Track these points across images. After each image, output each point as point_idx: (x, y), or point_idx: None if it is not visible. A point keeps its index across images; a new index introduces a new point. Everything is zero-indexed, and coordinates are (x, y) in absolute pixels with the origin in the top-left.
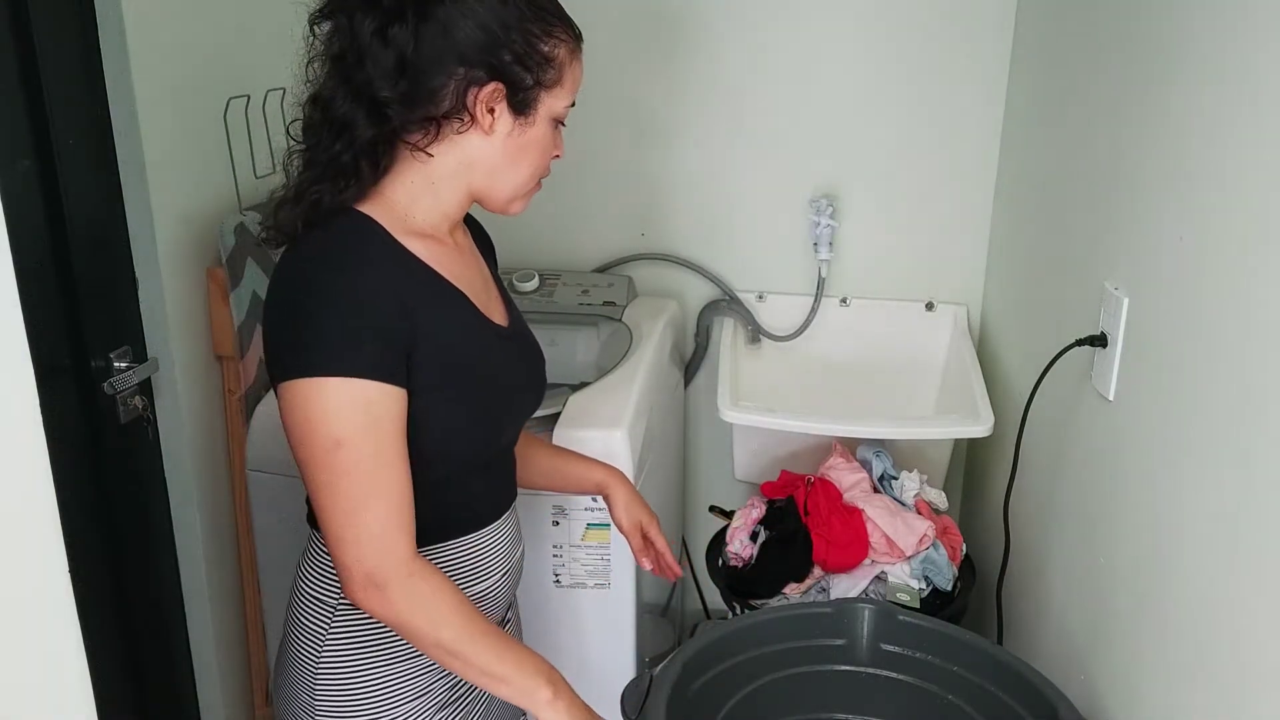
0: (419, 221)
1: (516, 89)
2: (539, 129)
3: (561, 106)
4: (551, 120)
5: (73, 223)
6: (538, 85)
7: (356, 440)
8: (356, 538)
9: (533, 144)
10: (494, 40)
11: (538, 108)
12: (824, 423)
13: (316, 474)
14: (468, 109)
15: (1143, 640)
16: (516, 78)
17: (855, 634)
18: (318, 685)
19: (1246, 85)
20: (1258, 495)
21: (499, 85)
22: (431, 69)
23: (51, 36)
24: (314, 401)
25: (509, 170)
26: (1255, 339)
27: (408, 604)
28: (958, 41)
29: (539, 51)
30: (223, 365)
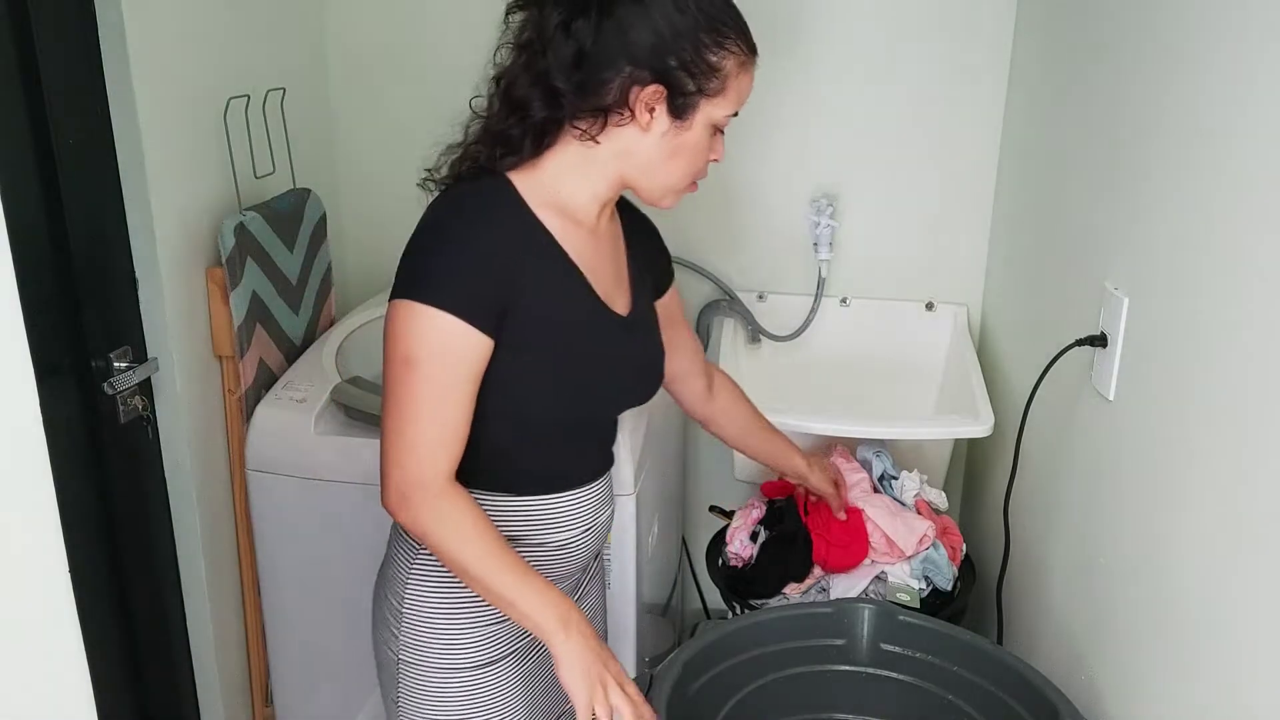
0: (563, 198)
1: (677, 93)
2: (695, 133)
3: (722, 115)
4: (710, 126)
5: (73, 223)
6: (699, 93)
7: (425, 364)
8: (399, 450)
9: (688, 147)
10: (664, 45)
11: (696, 113)
12: (824, 423)
13: (387, 386)
14: (629, 105)
15: (1143, 640)
16: (679, 83)
17: (855, 634)
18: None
19: (1246, 85)
20: (1258, 495)
21: (660, 88)
22: (604, 64)
23: (51, 37)
24: (401, 320)
25: (661, 168)
26: (1255, 339)
27: (433, 518)
28: (958, 42)
29: (706, 61)
30: (223, 365)
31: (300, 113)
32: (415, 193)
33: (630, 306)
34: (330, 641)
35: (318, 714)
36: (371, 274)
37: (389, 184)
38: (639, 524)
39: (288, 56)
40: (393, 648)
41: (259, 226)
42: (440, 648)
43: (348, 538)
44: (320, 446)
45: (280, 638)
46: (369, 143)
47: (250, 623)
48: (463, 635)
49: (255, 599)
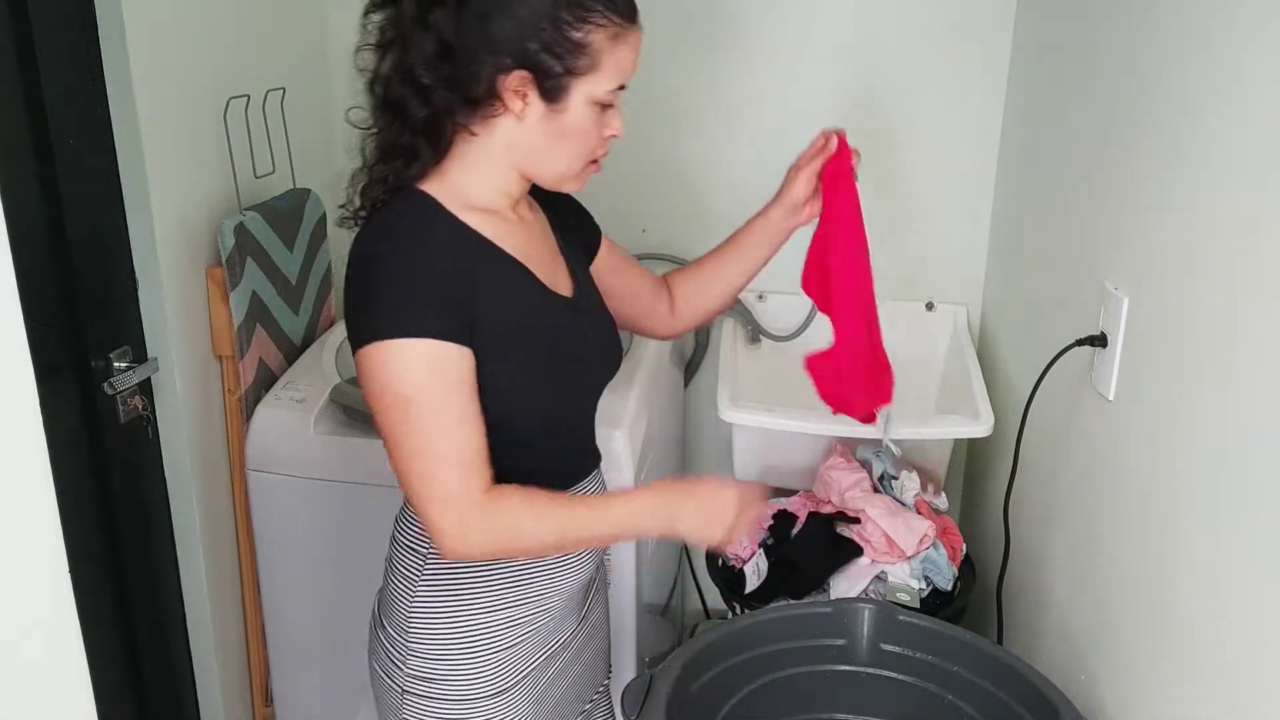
0: (476, 198)
1: (545, 76)
2: (576, 114)
3: (603, 91)
4: (593, 104)
5: (73, 223)
6: (568, 73)
7: (424, 398)
8: (437, 493)
9: (571, 129)
10: (523, 29)
11: (569, 94)
12: (824, 423)
13: (391, 433)
14: (499, 95)
15: (1143, 640)
16: (544, 65)
17: (855, 634)
18: (410, 630)
19: (1246, 85)
20: (1258, 495)
21: (524, 73)
22: (468, 55)
23: (52, 37)
24: (382, 364)
25: (549, 153)
26: (1255, 339)
27: (498, 533)
28: (958, 41)
29: (569, 39)
30: (223, 365)
31: (300, 113)
32: None
33: (573, 288)
34: (330, 641)
35: (318, 714)
36: None
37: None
38: None
39: (288, 56)
40: (396, 679)
41: (259, 226)
42: (451, 678)
43: (348, 538)
44: (320, 446)
45: (280, 638)
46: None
47: (250, 623)
48: (474, 665)
49: (255, 599)
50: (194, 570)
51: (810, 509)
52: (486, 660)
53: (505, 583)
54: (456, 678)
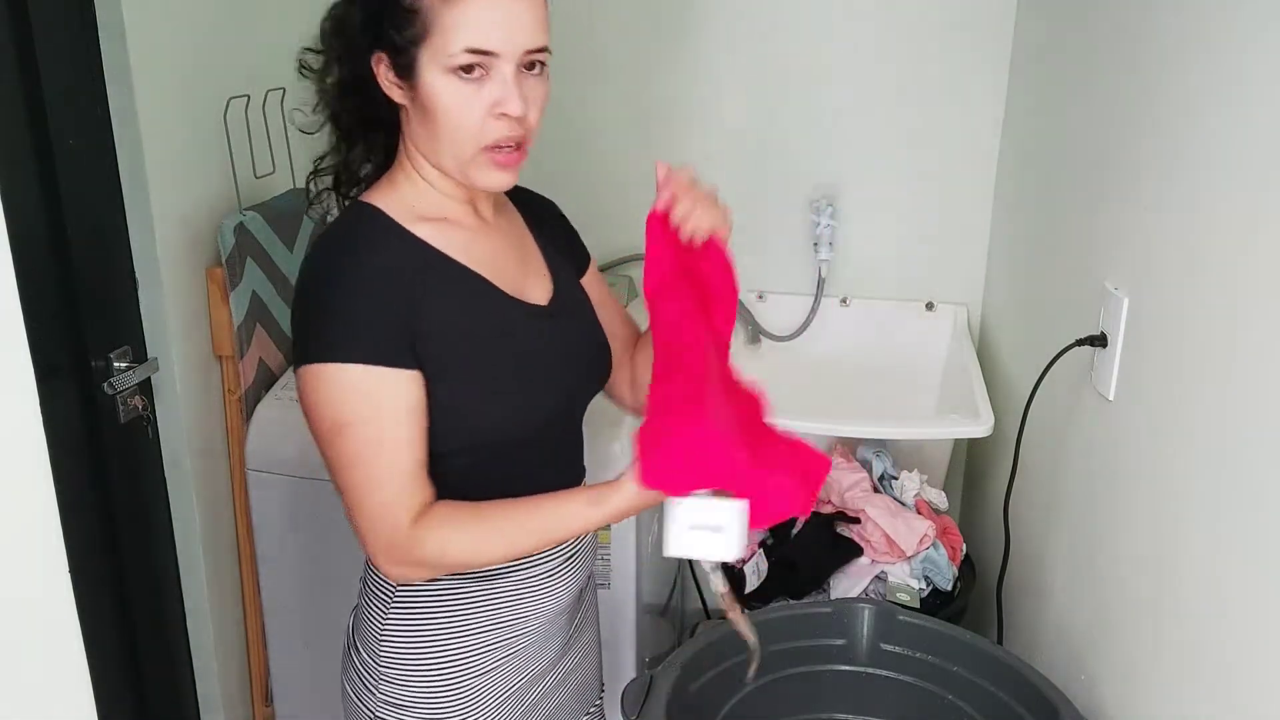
0: (425, 207)
1: (395, 52)
2: (432, 89)
3: (449, 56)
4: (448, 73)
5: (73, 223)
6: (411, 44)
7: (359, 424)
8: (371, 518)
9: (434, 107)
10: (370, 9)
11: (419, 66)
12: (824, 423)
13: (326, 456)
14: (380, 87)
15: (1143, 640)
16: (391, 41)
17: (855, 634)
18: (382, 654)
19: (1246, 85)
20: (1257, 495)
21: (380, 54)
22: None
23: (52, 37)
24: (315, 387)
25: (430, 140)
26: (1254, 339)
27: (435, 552)
28: (958, 41)
29: (400, 8)
30: (223, 365)
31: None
32: None
33: (551, 294)
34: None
35: (318, 714)
36: None
37: None
38: (639, 524)
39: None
40: (367, 703)
41: (259, 226)
42: (423, 705)
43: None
44: None
45: (280, 638)
46: None
47: (250, 623)
48: (446, 691)
49: (255, 599)
50: (194, 570)
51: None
52: (459, 687)
53: (473, 609)
54: (428, 704)
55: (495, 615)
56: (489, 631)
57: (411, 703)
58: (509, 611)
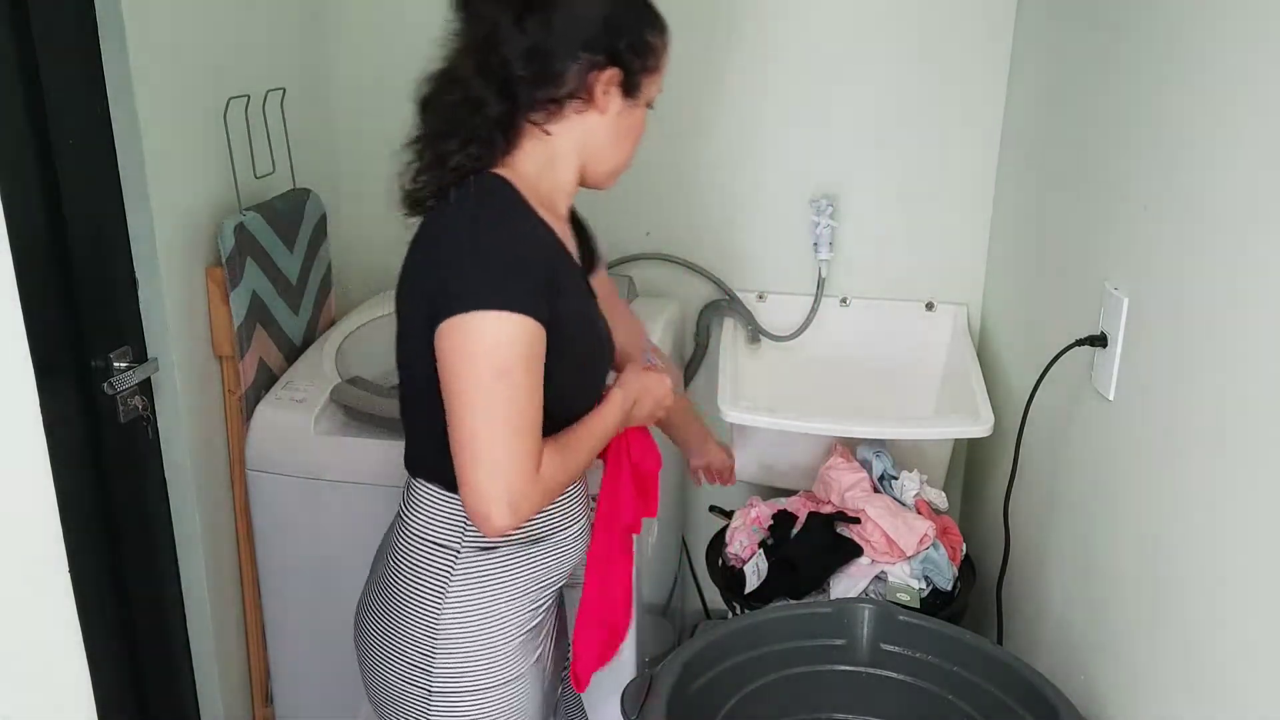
0: (544, 194)
1: (629, 73)
2: (639, 112)
3: (655, 91)
4: (645, 103)
5: (73, 223)
6: (643, 71)
7: (516, 372)
8: (504, 466)
9: (634, 126)
10: (614, 29)
11: (642, 91)
12: (824, 423)
13: (474, 398)
14: (588, 90)
15: (1143, 640)
16: (630, 63)
17: (855, 634)
18: (440, 628)
19: (1246, 85)
20: (1257, 495)
21: (616, 70)
22: (559, 54)
23: (52, 37)
24: (481, 333)
25: (614, 147)
26: (1254, 339)
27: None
28: (958, 41)
29: (645, 41)
30: (223, 365)
31: (300, 113)
32: None
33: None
34: (330, 641)
35: (318, 714)
36: (371, 274)
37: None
38: None
39: (288, 56)
40: (418, 681)
41: (259, 226)
42: (482, 670)
43: (348, 538)
44: (320, 446)
45: (280, 638)
46: (369, 143)
47: (250, 623)
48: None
49: (255, 599)
50: (194, 570)
51: (810, 509)
52: (513, 647)
53: (526, 569)
54: (487, 668)
55: (541, 574)
56: (536, 590)
57: (471, 669)
58: (550, 569)
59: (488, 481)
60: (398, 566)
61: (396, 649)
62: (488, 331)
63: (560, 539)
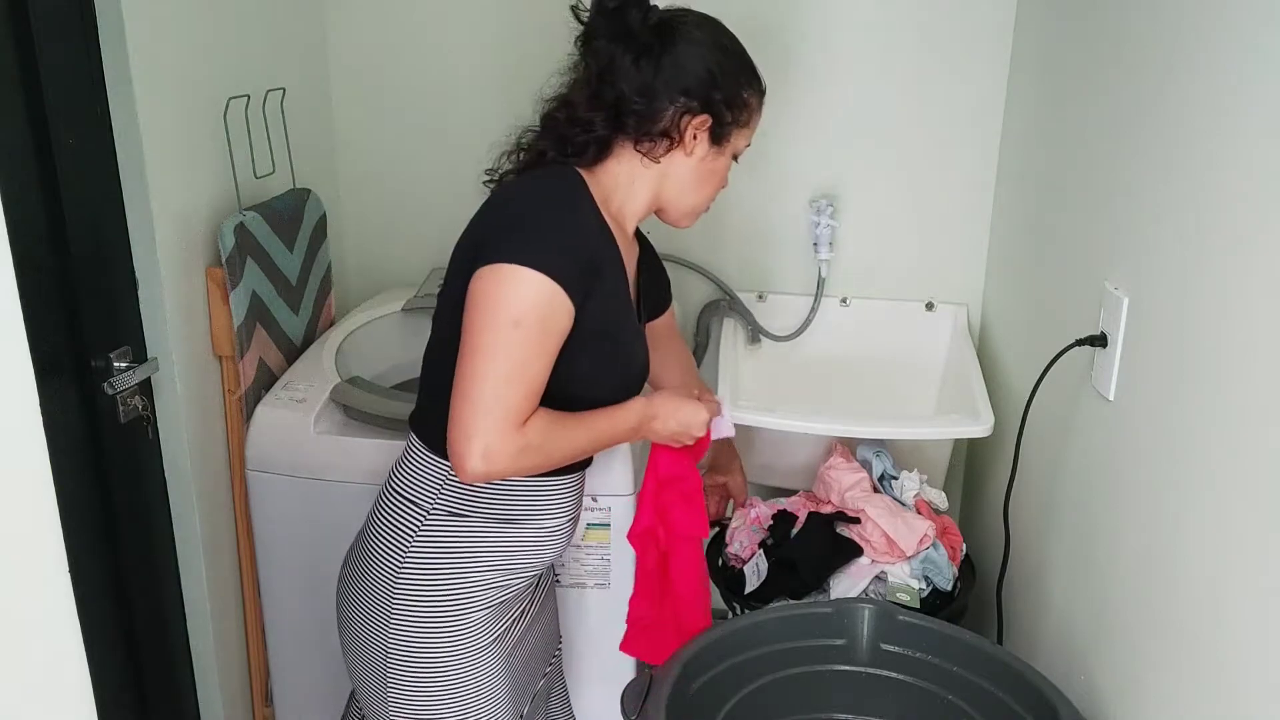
0: (613, 207)
1: (719, 123)
2: (724, 160)
3: (743, 145)
4: (732, 154)
5: (73, 223)
6: (734, 124)
7: (530, 328)
8: (489, 412)
9: (716, 172)
10: (713, 81)
11: (729, 142)
12: (824, 423)
13: (485, 341)
14: (679, 130)
15: (1143, 640)
16: (721, 114)
17: (855, 634)
18: (396, 584)
19: (1246, 84)
20: (1257, 495)
21: (707, 117)
22: (663, 94)
23: (52, 37)
24: (511, 283)
25: (694, 189)
26: (1255, 339)
27: (522, 455)
28: (958, 42)
29: (740, 96)
30: (223, 365)
31: (300, 113)
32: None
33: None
34: (330, 641)
35: (318, 714)
36: (371, 274)
37: (389, 184)
38: None
39: (288, 56)
40: (378, 639)
41: (259, 226)
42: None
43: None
44: (320, 446)
45: (280, 638)
46: (369, 143)
47: (250, 623)
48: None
49: (255, 599)
50: (194, 570)
51: (810, 509)
52: (465, 614)
53: (496, 546)
54: (440, 635)
55: (512, 557)
56: (501, 570)
57: (422, 621)
58: (524, 554)
59: (470, 418)
60: (372, 518)
61: (360, 601)
62: (517, 284)
63: (539, 527)
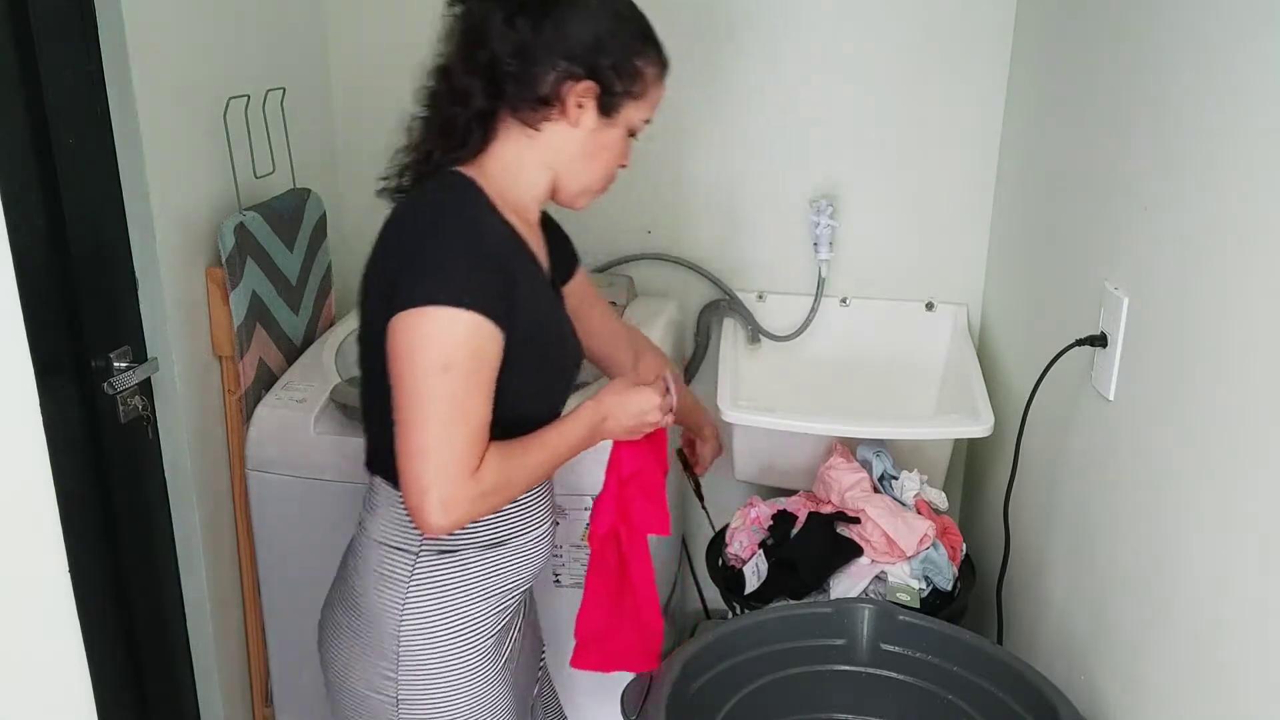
0: (511, 198)
1: (607, 91)
2: (616, 133)
3: (639, 119)
4: (627, 129)
5: (73, 223)
6: (625, 94)
7: (461, 367)
8: (440, 461)
9: (608, 147)
10: (599, 45)
11: (620, 113)
12: (824, 423)
13: (418, 391)
14: (561, 99)
15: (1143, 640)
16: (609, 81)
17: (855, 634)
18: (403, 634)
19: (1245, 84)
20: (1258, 495)
21: (593, 84)
22: (541, 57)
23: (52, 37)
24: (430, 327)
25: (584, 166)
26: (1255, 339)
27: (479, 501)
28: (958, 41)
29: (633, 64)
30: (223, 365)
31: (300, 113)
32: None
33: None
34: None
35: (318, 714)
36: None
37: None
38: None
39: (288, 56)
40: (388, 690)
41: (259, 226)
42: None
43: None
44: (320, 446)
45: (280, 638)
46: (369, 143)
47: (250, 623)
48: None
49: (255, 599)
50: (194, 570)
51: (810, 509)
52: (480, 651)
53: (486, 573)
54: (454, 674)
55: (504, 578)
56: (501, 592)
57: (436, 673)
58: (514, 573)
59: (419, 475)
60: (358, 571)
61: (362, 658)
62: (438, 326)
63: (523, 543)
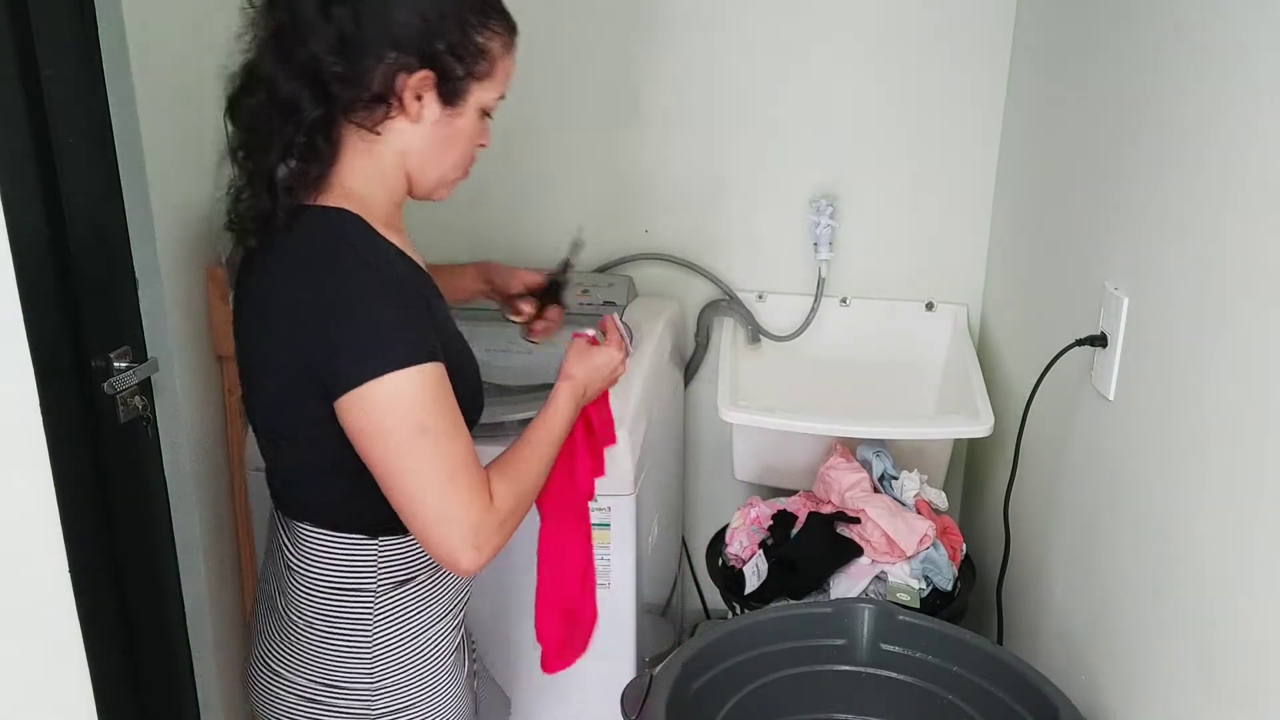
0: (381, 213)
1: (446, 78)
2: (467, 119)
3: (491, 98)
4: (480, 111)
5: (73, 223)
6: (469, 76)
7: (435, 422)
8: (454, 518)
9: (460, 134)
10: (429, 28)
11: (467, 98)
12: (824, 423)
13: (403, 463)
14: (396, 95)
15: (1143, 640)
16: (447, 67)
17: (855, 634)
18: (375, 673)
19: (1246, 84)
20: (1258, 494)
21: (428, 73)
22: (367, 50)
23: (52, 37)
24: (389, 399)
25: (435, 159)
26: (1255, 338)
27: (506, 530)
28: (958, 41)
29: (473, 42)
30: (223, 365)
31: None
32: None
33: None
34: None
35: None
36: None
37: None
38: (639, 524)
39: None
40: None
41: None
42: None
43: None
44: None
45: None
46: None
47: (250, 623)
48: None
49: (255, 599)
50: (194, 570)
51: (810, 509)
52: (446, 669)
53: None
54: (429, 699)
55: (457, 590)
56: (456, 605)
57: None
58: (465, 582)
59: (444, 535)
60: (309, 623)
61: (328, 707)
62: (396, 395)
63: None
